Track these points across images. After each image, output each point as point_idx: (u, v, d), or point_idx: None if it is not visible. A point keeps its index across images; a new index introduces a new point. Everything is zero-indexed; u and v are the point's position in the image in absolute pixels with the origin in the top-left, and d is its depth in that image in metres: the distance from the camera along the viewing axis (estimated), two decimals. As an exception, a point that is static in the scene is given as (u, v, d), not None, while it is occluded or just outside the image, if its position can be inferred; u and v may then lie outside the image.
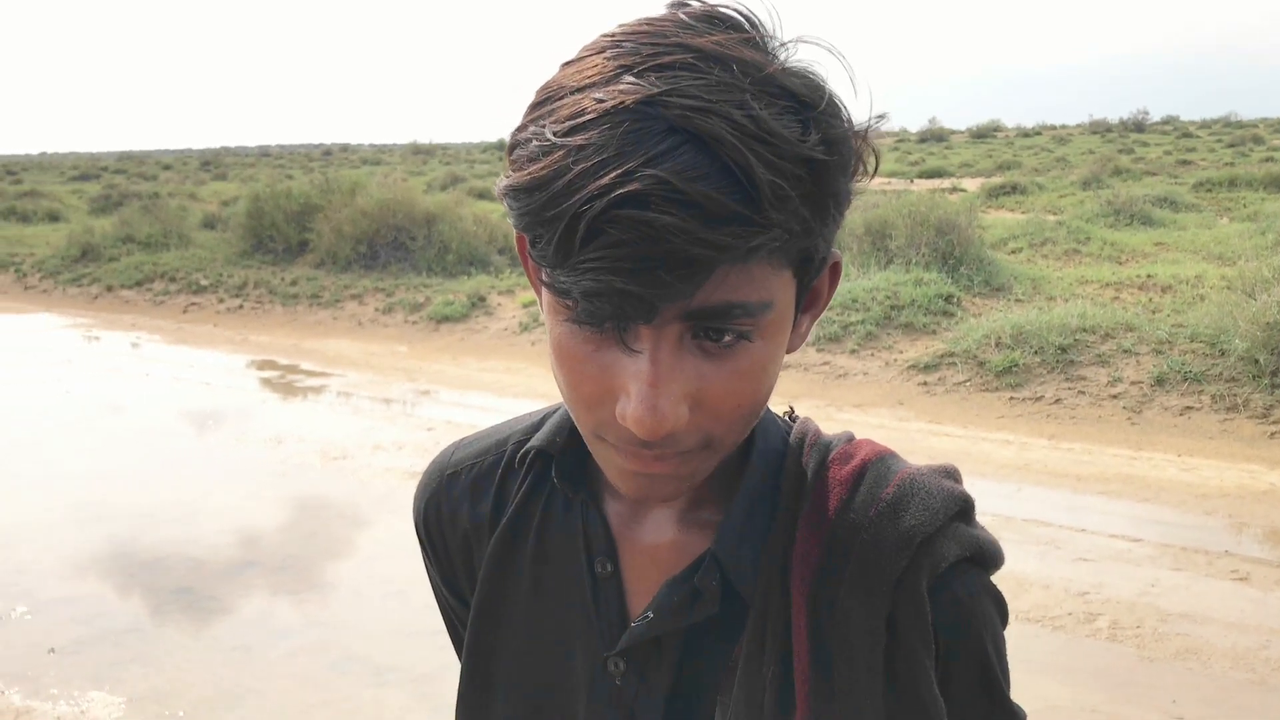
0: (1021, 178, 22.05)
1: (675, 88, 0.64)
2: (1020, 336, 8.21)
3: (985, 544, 0.83)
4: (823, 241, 0.72)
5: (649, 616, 0.83)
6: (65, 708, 4.03)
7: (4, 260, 17.08)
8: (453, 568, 0.98)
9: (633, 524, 0.88)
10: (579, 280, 0.65)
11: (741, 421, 0.74)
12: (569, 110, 0.66)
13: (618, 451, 0.74)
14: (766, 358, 0.72)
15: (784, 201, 0.65)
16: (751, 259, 0.67)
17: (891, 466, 0.85)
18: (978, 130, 61.31)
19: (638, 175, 0.62)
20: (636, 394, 0.69)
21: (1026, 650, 4.25)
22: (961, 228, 10.61)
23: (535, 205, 0.65)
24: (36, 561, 5.44)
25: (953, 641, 0.80)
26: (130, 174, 43.53)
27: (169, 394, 9.34)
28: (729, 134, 0.63)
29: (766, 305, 0.70)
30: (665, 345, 0.69)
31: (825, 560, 0.81)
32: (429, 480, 0.99)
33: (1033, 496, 6.02)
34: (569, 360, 0.72)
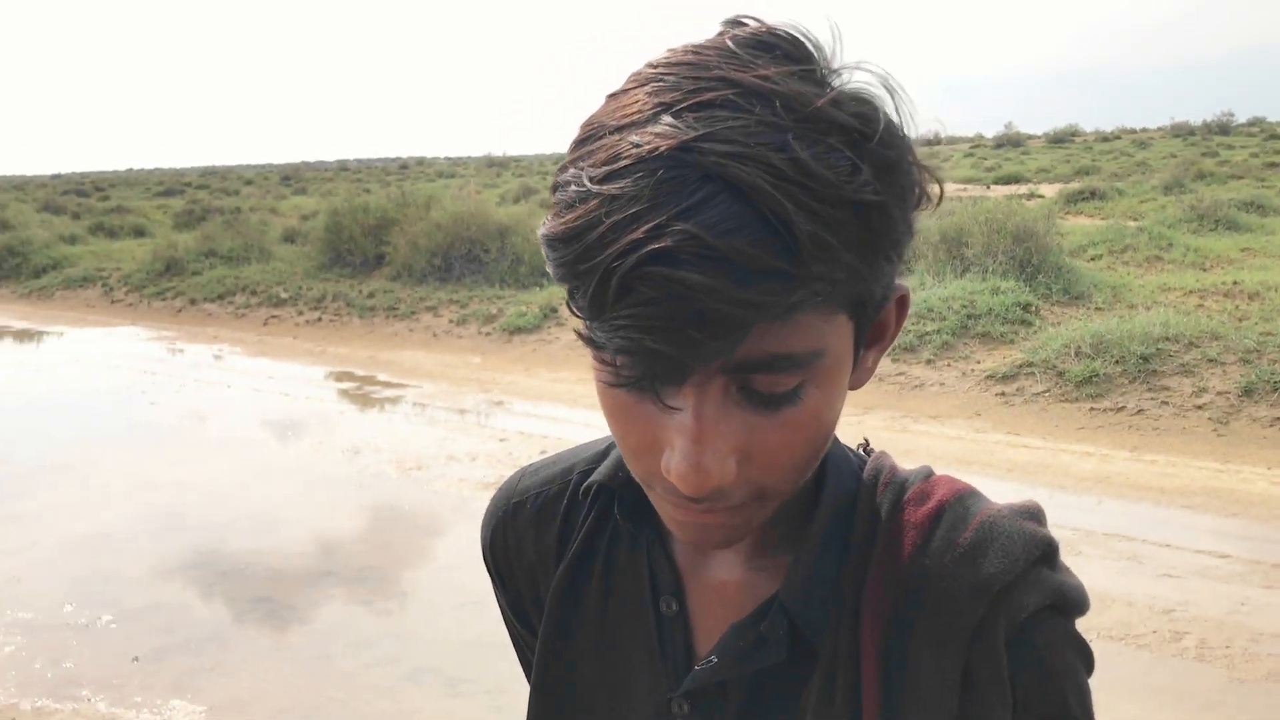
0: (1100, 183, 21.61)
1: (712, 131, 0.61)
2: (1101, 346, 8.03)
3: (1068, 590, 0.78)
4: (878, 284, 0.68)
5: (712, 660, 0.81)
6: (148, 715, 4.11)
7: (92, 275, 17.56)
8: (520, 596, 0.96)
9: (699, 562, 0.86)
10: (611, 337, 0.63)
11: (796, 471, 0.72)
12: (606, 154, 0.63)
13: (668, 503, 0.72)
14: (821, 405, 0.69)
15: (827, 251, 0.61)
16: (792, 314, 0.63)
17: (970, 508, 0.80)
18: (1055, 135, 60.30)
19: (669, 230, 0.59)
20: (680, 450, 0.66)
21: (1108, 669, 4.15)
22: (1039, 235, 10.42)
23: (570, 257, 0.63)
24: (122, 570, 5.57)
25: (1032, 696, 0.76)
26: (213, 189, 44.51)
27: (250, 405, 9.52)
28: (765, 182, 0.60)
29: (817, 354, 0.66)
30: (710, 399, 0.66)
31: (898, 609, 0.77)
32: (495, 508, 0.98)
33: (1114, 510, 5.89)
34: (613, 411, 0.70)
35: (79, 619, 4.99)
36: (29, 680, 4.41)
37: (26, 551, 5.87)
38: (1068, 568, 0.80)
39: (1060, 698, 0.76)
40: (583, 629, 0.90)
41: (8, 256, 19.15)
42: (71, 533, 6.15)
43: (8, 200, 32.00)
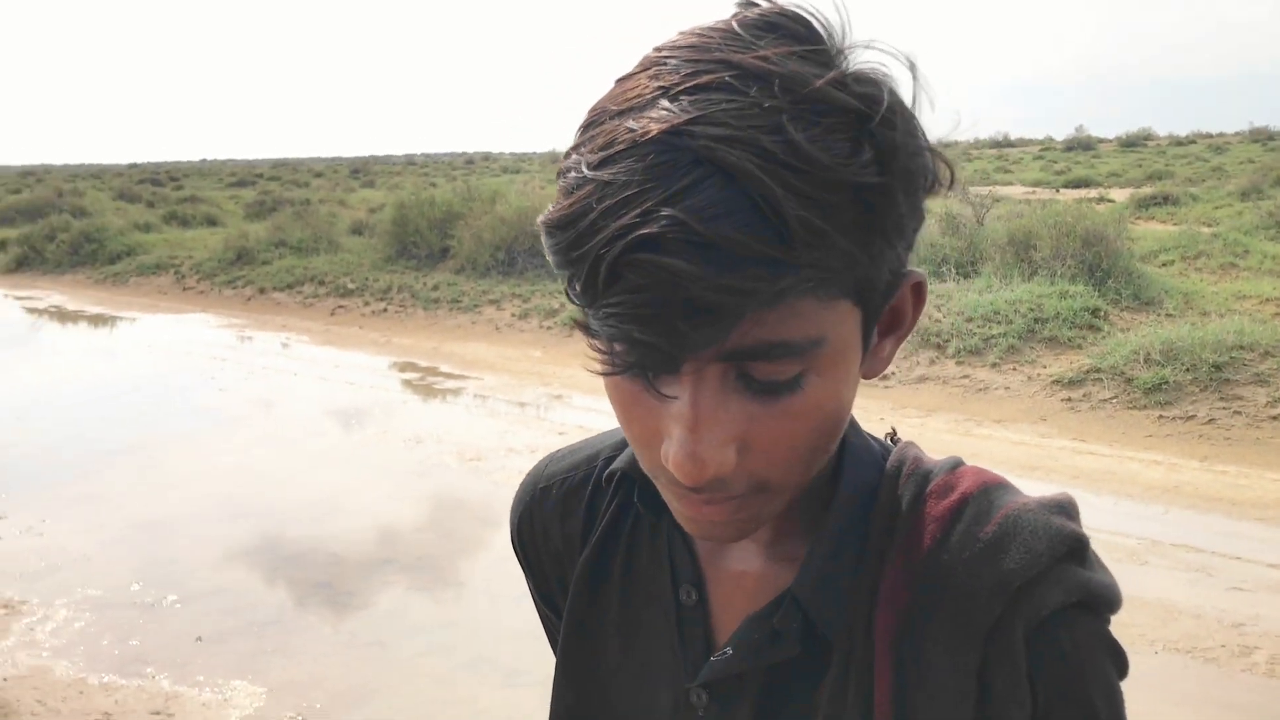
0: (1174, 188, 21.18)
1: (704, 114, 0.60)
2: (1171, 353, 7.87)
3: (1097, 587, 0.74)
4: (880, 271, 0.66)
5: (728, 652, 0.80)
6: (210, 695, 4.19)
7: (165, 262, 17.90)
8: (547, 581, 0.97)
9: (719, 552, 0.85)
10: (604, 325, 0.62)
11: (800, 464, 0.70)
12: (604, 139, 0.62)
13: (672, 494, 0.72)
14: (824, 395, 0.67)
15: (819, 236, 0.59)
16: (781, 301, 0.61)
17: (995, 501, 0.76)
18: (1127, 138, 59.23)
19: (655, 216, 0.58)
20: (677, 438, 0.65)
21: (1174, 682, 4.07)
22: (1110, 239, 10.24)
23: (564, 243, 0.62)
24: (188, 552, 5.68)
25: (1054, 697, 0.72)
26: (284, 181, 45.17)
27: (315, 393, 9.66)
28: (755, 165, 0.58)
29: (815, 342, 0.64)
30: (707, 387, 0.64)
31: (914, 605, 0.74)
32: (523, 494, 0.98)
33: (1182, 520, 5.77)
34: (617, 401, 0.70)
35: (145, 598, 5.09)
36: (97, 655, 4.51)
37: (96, 531, 6.01)
38: (1101, 564, 0.77)
39: (1085, 700, 0.73)
40: (606, 615, 0.90)
41: (84, 243, 19.58)
42: (139, 514, 6.28)
43: (85, 188, 32.75)
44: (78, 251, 19.46)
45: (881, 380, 8.77)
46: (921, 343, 9.15)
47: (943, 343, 9.07)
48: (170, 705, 4.10)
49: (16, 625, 4.81)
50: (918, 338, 9.20)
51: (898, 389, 8.58)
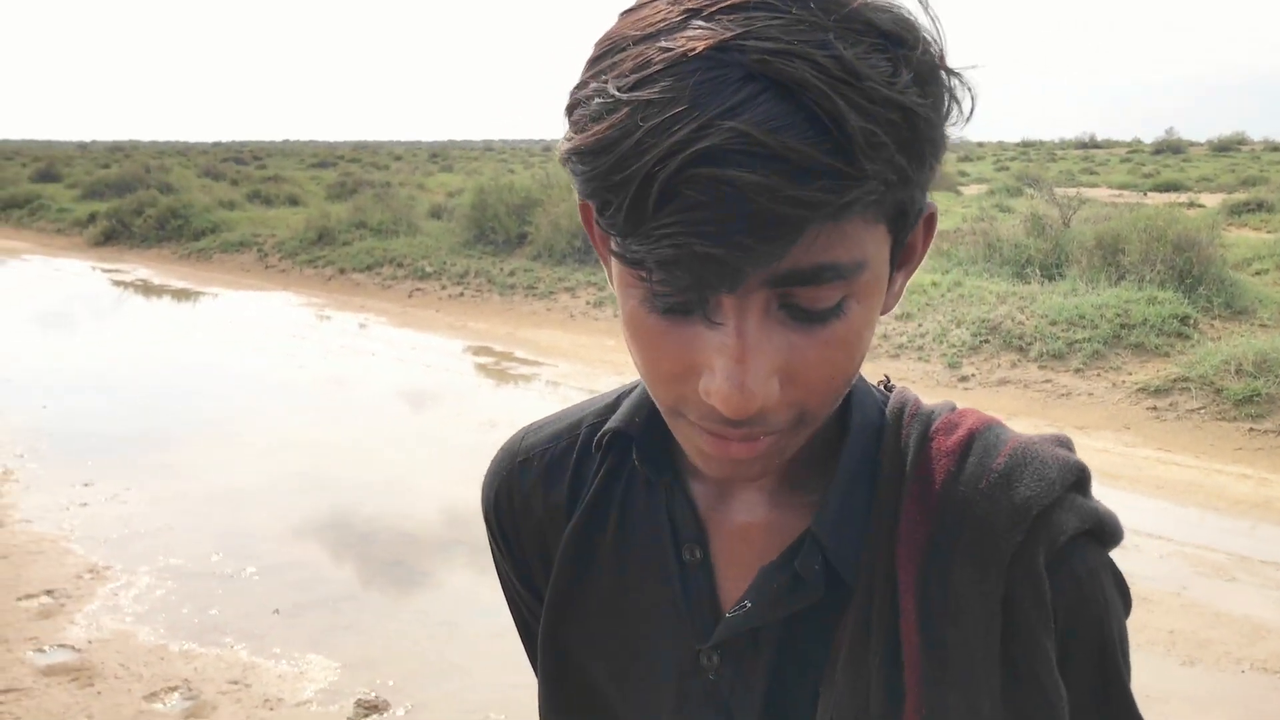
0: (1269, 194, 20.61)
1: (750, 30, 0.58)
2: (1265, 364, 7.64)
3: (1106, 517, 0.76)
4: (919, 192, 0.66)
5: (746, 606, 0.77)
6: (286, 667, 4.24)
7: (248, 240, 18.21)
8: (525, 558, 0.92)
9: (721, 506, 0.82)
10: (654, 248, 0.59)
11: (835, 393, 0.69)
12: (633, 63, 0.60)
13: (699, 431, 0.69)
14: (862, 322, 0.66)
15: (879, 150, 0.59)
16: (845, 216, 0.60)
17: (1001, 436, 0.78)
18: (1219, 143, 57.84)
19: (714, 129, 0.56)
20: (722, 370, 0.63)
21: (1260, 702, 3.96)
22: (1202, 245, 9.98)
23: (602, 169, 0.59)
24: (264, 525, 5.76)
25: (1071, 621, 0.74)
26: (364, 163, 45.76)
27: (392, 373, 9.76)
28: (814, 78, 0.57)
29: (861, 265, 0.63)
30: (752, 316, 0.63)
31: (934, 537, 0.75)
32: (499, 467, 0.94)
33: (1272, 536, 5.61)
34: (645, 335, 0.66)
35: (224, 569, 5.17)
36: (178, 623, 4.59)
37: (176, 501, 6.12)
38: (1098, 499, 0.78)
39: (1101, 625, 0.75)
40: (597, 585, 0.86)
41: (170, 218, 19.99)
42: (218, 486, 6.39)
43: (172, 164, 33.49)
44: (164, 227, 19.86)
45: (961, 382, 8.65)
46: (1003, 345, 9.00)
47: (1025, 346, 8.91)
48: (248, 675, 4.16)
49: (101, 590, 4.92)
50: (999, 340, 9.05)
51: (977, 391, 8.45)
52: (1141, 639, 4.39)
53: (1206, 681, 4.10)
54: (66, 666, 4.19)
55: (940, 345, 9.26)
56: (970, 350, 9.09)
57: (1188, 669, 4.19)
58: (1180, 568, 5.15)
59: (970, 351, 9.08)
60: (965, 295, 10.19)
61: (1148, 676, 4.11)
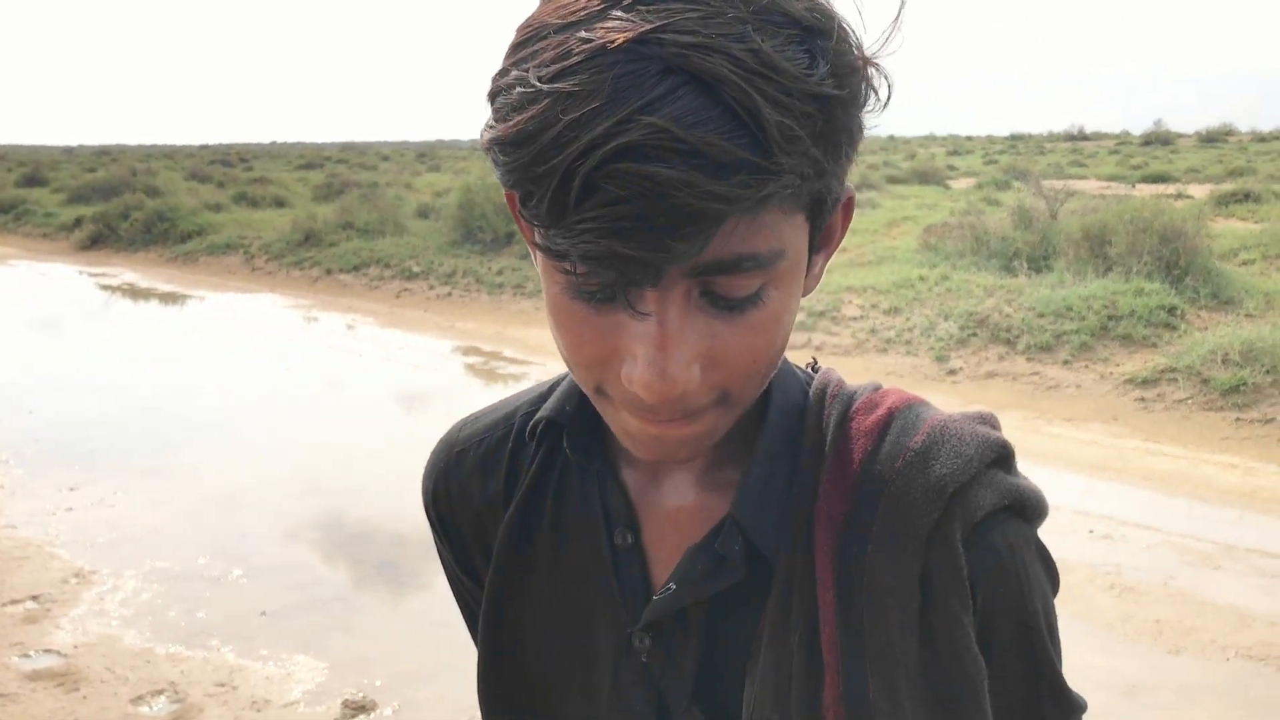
0: (1256, 185, 20.65)
1: (670, 23, 0.59)
2: (1251, 354, 7.66)
3: (1027, 493, 0.76)
4: (836, 181, 0.67)
5: (671, 588, 0.78)
6: (273, 668, 4.23)
7: (234, 242, 18.17)
8: (466, 548, 0.93)
9: (652, 490, 0.83)
10: (576, 242, 0.60)
11: (759, 376, 0.70)
12: (554, 52, 0.60)
13: (627, 413, 0.70)
14: (781, 308, 0.67)
15: (795, 143, 0.60)
16: (762, 208, 0.61)
17: (920, 414, 0.79)
18: (1207, 134, 58.00)
19: (633, 124, 0.57)
20: (643, 358, 0.64)
21: (1246, 690, 3.97)
22: (1188, 236, 10.00)
23: (524, 160, 0.60)
24: (254, 528, 5.75)
25: (991, 596, 0.74)
26: (351, 163, 45.66)
27: (381, 374, 9.75)
28: (731, 72, 0.58)
29: (779, 254, 0.65)
30: (673, 305, 0.64)
31: (851, 516, 0.76)
32: (436, 459, 0.95)
33: (1258, 525, 5.62)
34: (568, 322, 0.67)
35: (212, 572, 5.16)
36: (164, 626, 4.58)
37: (165, 504, 6.11)
38: (1022, 474, 0.78)
39: (1022, 600, 0.75)
40: (535, 571, 0.87)
41: (156, 221, 19.93)
42: (207, 489, 6.37)
43: (158, 168, 33.36)
44: (150, 230, 19.81)
45: (949, 375, 8.67)
46: (991, 338, 9.02)
47: (1013, 338, 8.93)
48: (234, 677, 4.15)
49: (87, 594, 4.90)
50: (987, 333, 9.07)
51: (965, 384, 8.46)
52: (1129, 629, 4.40)
53: (1193, 670, 4.11)
54: (52, 671, 4.17)
55: (928, 339, 9.27)
56: (958, 343, 9.10)
57: (1174, 658, 4.20)
58: (1167, 557, 5.16)
59: (958, 345, 9.09)
60: (953, 289, 10.21)
61: (1135, 666, 4.12)
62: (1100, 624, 4.44)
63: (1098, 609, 4.57)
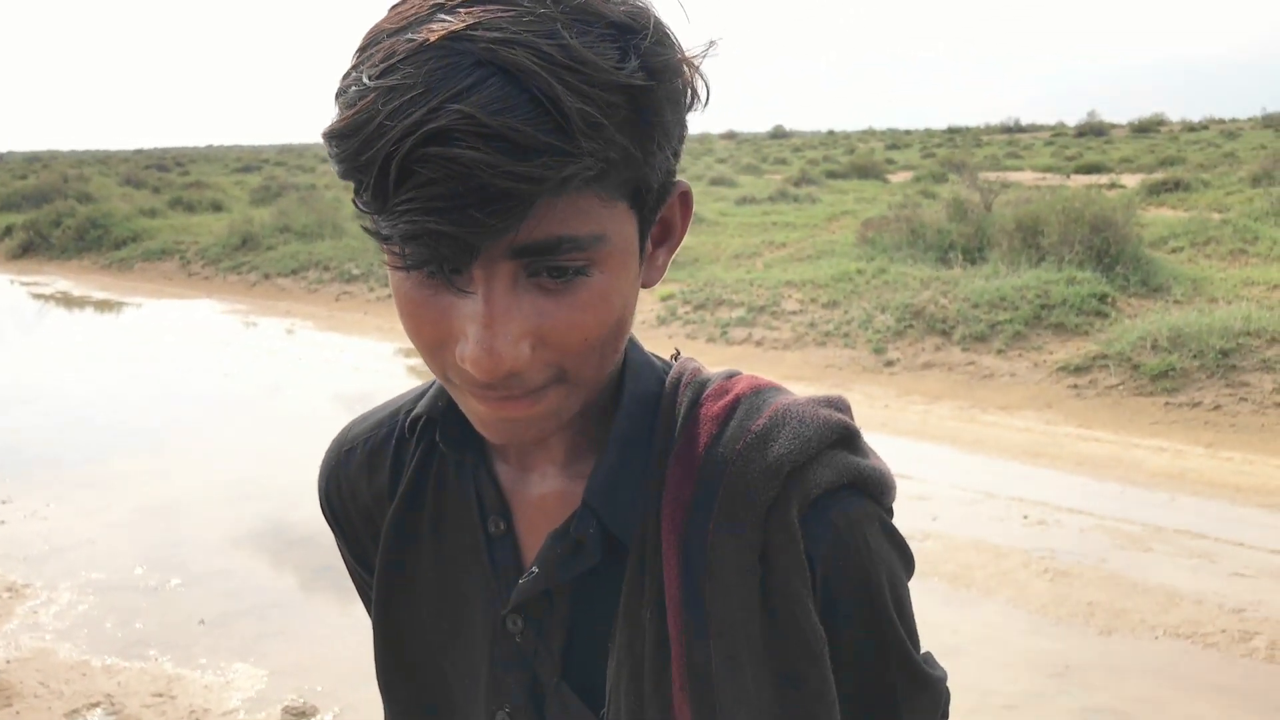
0: (1185, 174, 21.09)
1: (482, 21, 0.63)
2: (1178, 339, 7.84)
3: (868, 470, 0.80)
4: (654, 171, 0.71)
5: (534, 571, 0.83)
6: (212, 677, 4.19)
7: (170, 248, 17.92)
8: (359, 540, 0.98)
9: (521, 480, 0.88)
10: (396, 224, 0.64)
11: (594, 355, 0.73)
12: (383, 53, 0.65)
13: (468, 394, 0.73)
14: (608, 289, 0.71)
15: (597, 129, 0.64)
16: (568, 190, 0.65)
17: (767, 399, 0.82)
18: (1139, 124, 59.01)
19: (443, 111, 0.61)
20: (473, 336, 0.68)
21: (1175, 668, 4.07)
22: (1118, 225, 10.20)
23: (351, 150, 0.64)
24: (192, 535, 5.69)
25: (830, 570, 0.78)
26: (289, 166, 45.19)
27: (321, 378, 9.66)
28: (534, 64, 0.62)
29: (598, 237, 0.68)
30: (499, 284, 0.68)
31: (695, 497, 0.79)
32: (328, 458, 0.99)
33: (1187, 507, 5.75)
34: (407, 306, 0.71)
35: (149, 581, 5.10)
36: (100, 638, 4.52)
37: (101, 514, 6.02)
38: (875, 454, 0.82)
39: (863, 573, 0.78)
40: (419, 561, 0.91)
41: (90, 228, 19.61)
42: (144, 497, 6.29)
43: (91, 174, 32.78)
44: (83, 237, 19.48)
45: (886, 367, 8.76)
46: (927, 329, 9.13)
47: (949, 329, 9.05)
48: (172, 687, 4.11)
49: (20, 608, 4.82)
50: (923, 324, 9.18)
51: (903, 375, 8.56)
52: (1063, 611, 4.49)
53: (1124, 650, 4.20)
54: (-15, 687, 4.11)
55: (865, 331, 9.37)
56: (895, 335, 9.21)
57: (1106, 638, 4.29)
58: (1100, 541, 5.26)
59: (895, 336, 9.20)
60: (889, 281, 10.32)
61: (1067, 646, 4.21)
62: (1035, 607, 4.52)
63: (1032, 593, 4.65)
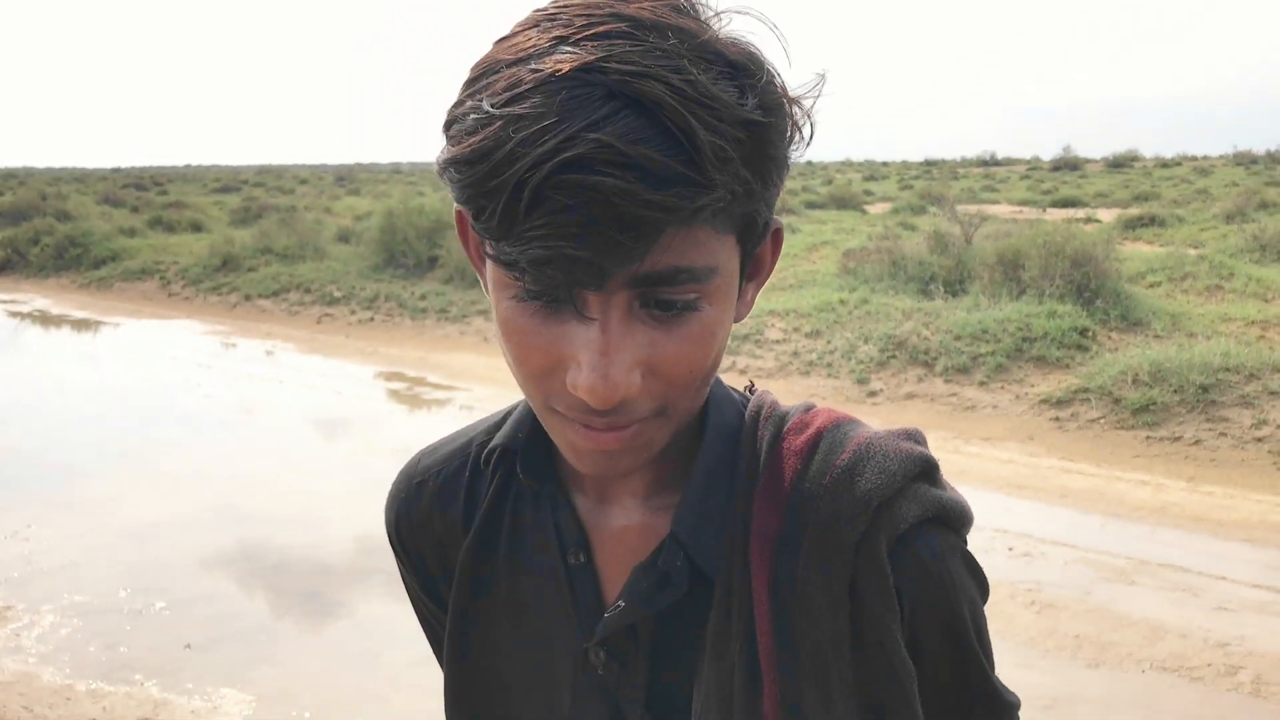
0: (1160, 209, 21.33)
1: (612, 54, 0.65)
2: (1159, 374, 7.92)
3: (950, 504, 0.81)
4: (764, 205, 0.73)
5: (620, 605, 0.83)
6: (199, 702, 4.16)
7: (150, 268, 17.81)
8: (429, 574, 0.98)
9: (601, 513, 0.88)
10: (526, 249, 0.65)
11: (694, 388, 0.74)
12: (505, 82, 0.66)
13: (570, 426, 0.74)
14: (715, 323, 0.72)
15: (726, 163, 0.66)
16: (696, 221, 0.67)
17: (848, 433, 0.83)
18: (1114, 159, 59.67)
19: (579, 140, 0.62)
20: (588, 362, 0.68)
21: (1161, 701, 4.09)
22: (1098, 259, 10.30)
23: (477, 176, 0.65)
24: (175, 559, 5.64)
25: (918, 604, 0.79)
26: (269, 187, 45.06)
27: (302, 402, 9.62)
28: (669, 97, 0.64)
29: (712, 270, 0.70)
30: (615, 313, 0.69)
31: (783, 532, 0.80)
32: (398, 490, 0.99)
33: (1169, 540, 5.80)
34: (517, 334, 0.72)
35: (133, 605, 5.06)
36: (84, 662, 4.47)
37: (83, 537, 5.97)
38: (950, 486, 0.83)
39: (948, 605, 0.79)
40: (495, 593, 0.92)
41: (69, 247, 19.47)
42: (127, 520, 6.24)
43: (69, 192, 32.60)
44: (62, 255, 19.35)
45: (870, 397, 8.80)
46: (910, 360, 9.18)
47: (931, 360, 9.10)
48: (159, 712, 4.07)
49: (2, 631, 4.77)
50: (906, 355, 9.23)
51: (885, 406, 8.60)
52: (1050, 644, 4.51)
53: (1111, 683, 4.23)
54: (-32, 711, 4.06)
55: (849, 361, 9.41)
56: (878, 366, 9.26)
57: (1093, 671, 4.31)
58: (1084, 573, 5.30)
59: (878, 367, 9.25)
60: (872, 312, 10.38)
61: (1055, 679, 4.23)
62: (1022, 640, 4.54)
63: (1019, 625, 4.68)
